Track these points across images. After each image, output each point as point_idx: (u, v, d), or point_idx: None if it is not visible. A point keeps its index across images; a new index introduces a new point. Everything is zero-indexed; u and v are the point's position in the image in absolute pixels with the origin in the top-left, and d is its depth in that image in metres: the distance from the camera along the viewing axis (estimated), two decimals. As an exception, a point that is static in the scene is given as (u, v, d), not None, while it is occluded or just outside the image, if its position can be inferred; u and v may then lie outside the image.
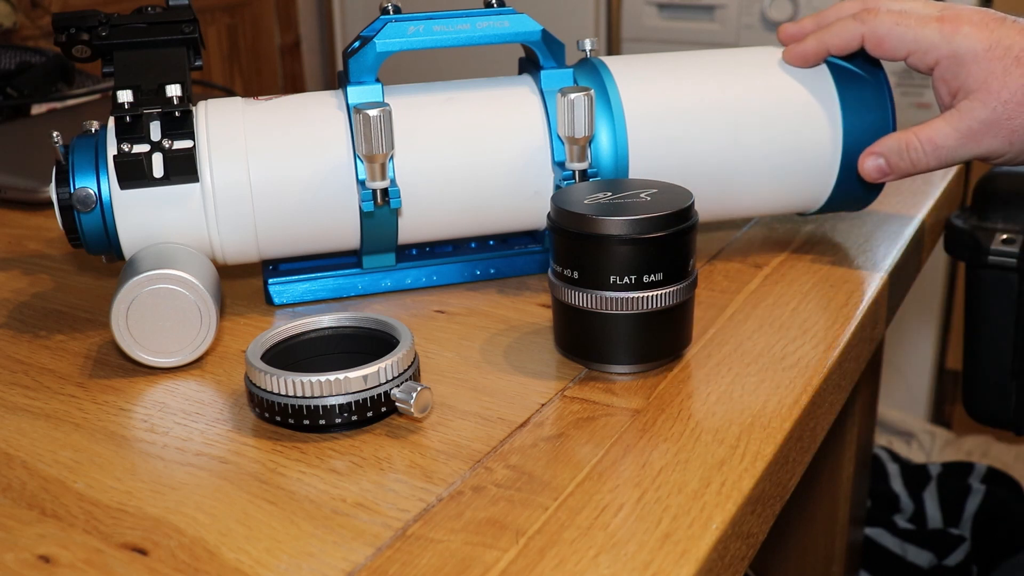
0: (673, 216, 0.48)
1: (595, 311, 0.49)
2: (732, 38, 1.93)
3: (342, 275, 0.62)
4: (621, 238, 0.48)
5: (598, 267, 0.48)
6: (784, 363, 0.52)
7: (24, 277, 0.67)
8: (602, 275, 0.48)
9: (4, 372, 0.53)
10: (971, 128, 0.55)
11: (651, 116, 0.60)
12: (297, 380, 0.45)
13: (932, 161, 0.57)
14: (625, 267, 0.48)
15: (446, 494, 0.41)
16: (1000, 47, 0.54)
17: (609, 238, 0.48)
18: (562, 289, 0.50)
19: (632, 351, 0.50)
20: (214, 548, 0.38)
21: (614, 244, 0.48)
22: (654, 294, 0.49)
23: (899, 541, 1.17)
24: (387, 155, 0.54)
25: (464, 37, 0.59)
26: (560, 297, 0.50)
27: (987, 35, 0.55)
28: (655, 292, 0.49)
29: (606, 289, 0.49)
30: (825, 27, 0.60)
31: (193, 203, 0.55)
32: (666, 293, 0.49)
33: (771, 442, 0.44)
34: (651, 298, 0.49)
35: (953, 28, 0.56)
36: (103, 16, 0.60)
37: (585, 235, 0.48)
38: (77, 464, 0.44)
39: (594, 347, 0.50)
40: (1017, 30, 0.55)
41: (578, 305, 0.50)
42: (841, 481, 0.86)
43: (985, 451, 1.59)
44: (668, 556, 0.37)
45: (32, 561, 0.38)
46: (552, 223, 0.50)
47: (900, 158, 0.57)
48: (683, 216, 0.49)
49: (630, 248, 0.48)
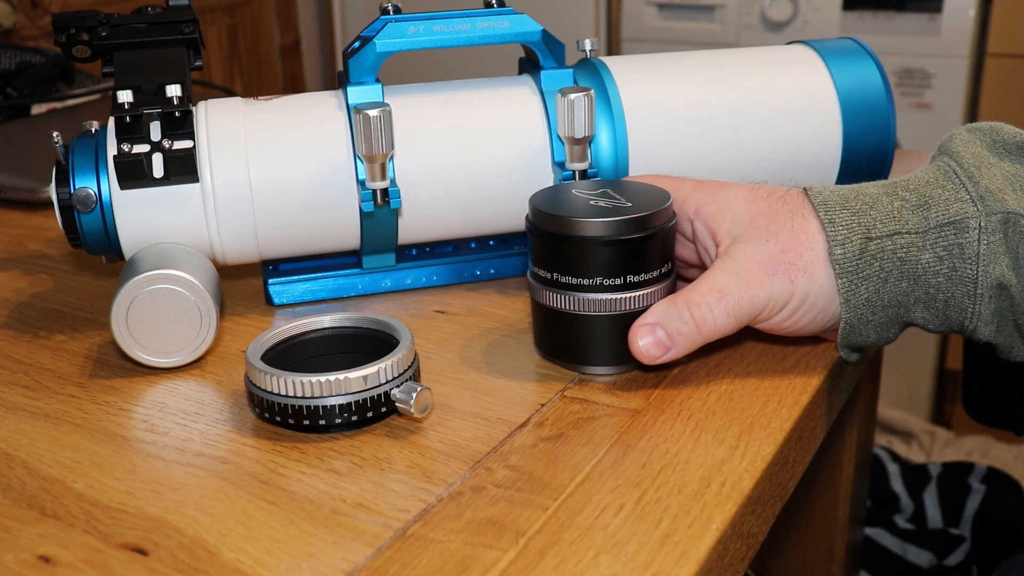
0: (648, 218, 0.48)
1: (573, 313, 0.49)
2: (732, 38, 1.93)
3: (342, 275, 0.62)
4: (599, 239, 0.48)
5: (576, 269, 0.49)
6: (784, 363, 0.52)
7: (24, 277, 0.67)
8: (580, 277, 0.49)
9: (4, 372, 0.53)
10: (749, 268, 0.48)
11: (651, 116, 0.60)
12: (297, 380, 0.45)
13: (720, 316, 0.48)
14: (602, 269, 0.48)
15: (446, 494, 0.41)
16: (762, 190, 0.51)
17: (586, 240, 0.48)
18: (541, 291, 0.50)
19: (609, 353, 0.50)
20: (214, 548, 0.38)
21: (591, 246, 0.48)
22: (630, 295, 0.49)
23: (899, 541, 1.17)
24: (387, 155, 0.54)
25: (464, 37, 0.59)
26: (539, 299, 0.51)
27: (747, 188, 0.52)
28: (631, 294, 0.49)
29: (584, 291, 0.49)
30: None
31: (193, 203, 0.55)
32: (642, 295, 0.49)
33: (771, 442, 0.44)
34: (627, 299, 0.49)
35: (716, 186, 0.52)
36: (103, 16, 0.60)
37: (563, 237, 0.48)
38: (77, 464, 0.44)
39: (571, 349, 0.51)
40: (772, 187, 0.52)
41: (556, 307, 0.50)
42: (841, 481, 0.86)
43: (985, 451, 1.59)
44: (668, 556, 0.37)
45: (32, 561, 0.38)
46: (530, 225, 0.50)
47: (681, 322, 0.48)
48: (657, 219, 0.49)
49: (607, 250, 0.48)
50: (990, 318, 0.48)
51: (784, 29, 1.88)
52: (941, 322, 0.49)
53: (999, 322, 0.48)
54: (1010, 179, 0.49)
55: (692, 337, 0.48)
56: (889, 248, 0.48)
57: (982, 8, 1.72)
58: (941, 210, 0.48)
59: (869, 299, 0.48)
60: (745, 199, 0.51)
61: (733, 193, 0.51)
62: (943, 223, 0.48)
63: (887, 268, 0.48)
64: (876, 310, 0.49)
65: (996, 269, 0.47)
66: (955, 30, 1.73)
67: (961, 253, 0.47)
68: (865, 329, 0.49)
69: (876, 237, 0.48)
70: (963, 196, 0.48)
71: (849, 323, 0.49)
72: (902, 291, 0.48)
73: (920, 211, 0.48)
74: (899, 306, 0.49)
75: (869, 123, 0.62)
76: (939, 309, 0.49)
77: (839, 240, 0.48)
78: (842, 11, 1.82)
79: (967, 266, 0.47)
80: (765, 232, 0.49)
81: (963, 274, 0.48)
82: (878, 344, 0.51)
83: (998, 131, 0.52)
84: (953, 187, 0.49)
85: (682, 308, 0.48)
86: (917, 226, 0.48)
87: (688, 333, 0.48)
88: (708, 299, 0.48)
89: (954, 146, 0.51)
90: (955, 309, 0.48)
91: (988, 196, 0.48)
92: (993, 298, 0.48)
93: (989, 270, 0.47)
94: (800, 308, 0.49)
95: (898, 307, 0.49)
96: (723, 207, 0.51)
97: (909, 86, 1.79)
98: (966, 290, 0.48)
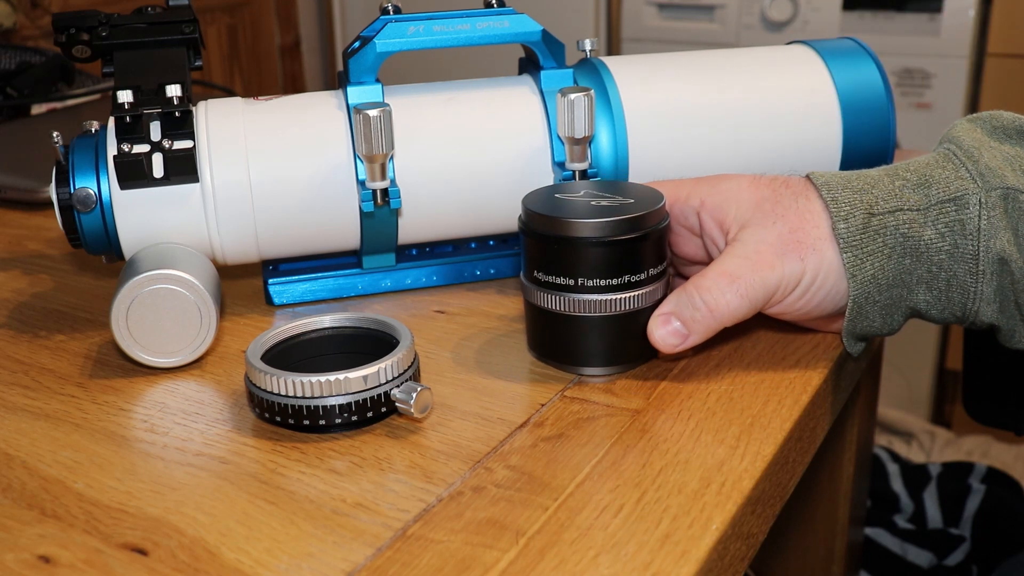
0: (641, 218, 0.48)
1: (566, 314, 0.49)
2: (732, 38, 1.93)
3: (342, 275, 0.62)
4: (591, 240, 0.48)
5: (569, 269, 0.49)
6: (784, 363, 0.52)
7: (24, 277, 0.67)
8: (572, 277, 0.49)
9: (4, 372, 0.53)
10: (759, 251, 0.49)
11: (651, 116, 0.60)
12: (297, 380, 0.45)
13: (733, 299, 0.48)
14: (595, 269, 0.48)
15: (446, 494, 0.41)
16: (764, 178, 0.52)
17: (579, 240, 0.48)
18: (534, 292, 0.50)
19: (602, 354, 0.50)
20: (214, 548, 0.38)
21: (584, 246, 0.48)
22: (623, 296, 0.49)
23: (899, 541, 1.17)
24: (387, 155, 0.54)
25: (464, 37, 0.59)
26: (532, 300, 0.51)
27: (749, 177, 0.52)
28: (624, 295, 0.49)
29: (576, 292, 0.49)
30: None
31: (193, 203, 0.55)
32: (635, 296, 0.49)
33: (771, 442, 0.44)
34: (620, 300, 0.49)
35: (717, 178, 0.53)
36: (103, 16, 0.60)
37: (555, 237, 0.48)
38: (77, 464, 0.44)
39: (564, 350, 0.51)
40: (774, 175, 0.52)
41: (549, 308, 0.50)
42: (841, 481, 0.86)
43: (985, 451, 1.59)
44: (668, 556, 0.37)
45: (32, 561, 0.38)
46: (523, 226, 0.50)
47: (694, 308, 0.48)
48: (650, 219, 0.49)
49: (600, 250, 0.48)
50: (992, 297, 0.49)
51: (784, 29, 1.88)
52: (944, 306, 0.49)
53: (1001, 301, 0.49)
54: (1010, 160, 0.50)
55: (707, 323, 0.48)
56: (892, 224, 0.48)
57: (982, 8, 1.72)
58: (942, 187, 0.49)
59: (875, 276, 0.48)
60: (748, 187, 0.51)
61: (736, 182, 0.52)
62: (944, 199, 0.48)
63: (890, 244, 0.48)
64: (881, 288, 0.49)
65: (997, 244, 0.47)
66: (955, 30, 1.73)
67: (962, 229, 0.48)
68: (871, 311, 0.49)
69: (879, 213, 0.48)
70: (963, 174, 0.49)
71: (856, 302, 0.49)
72: (905, 268, 0.49)
73: (921, 189, 0.49)
74: (903, 286, 0.49)
75: (869, 123, 0.62)
76: (942, 290, 0.49)
77: (842, 215, 0.48)
78: (842, 11, 1.82)
79: (968, 242, 0.48)
80: (772, 215, 0.50)
81: (964, 250, 0.48)
82: (882, 333, 0.51)
83: (998, 117, 0.53)
84: (953, 167, 0.49)
85: (693, 295, 0.48)
86: (918, 203, 0.48)
87: (702, 319, 0.48)
88: (719, 283, 0.48)
89: (955, 133, 0.52)
90: (957, 289, 0.49)
91: (988, 173, 0.48)
92: (995, 275, 0.48)
93: (990, 245, 0.48)
94: (812, 287, 0.49)
95: (902, 287, 0.49)
96: (727, 196, 0.51)
97: (909, 86, 1.79)
98: (968, 267, 0.48)
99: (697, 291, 0.48)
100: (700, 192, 0.52)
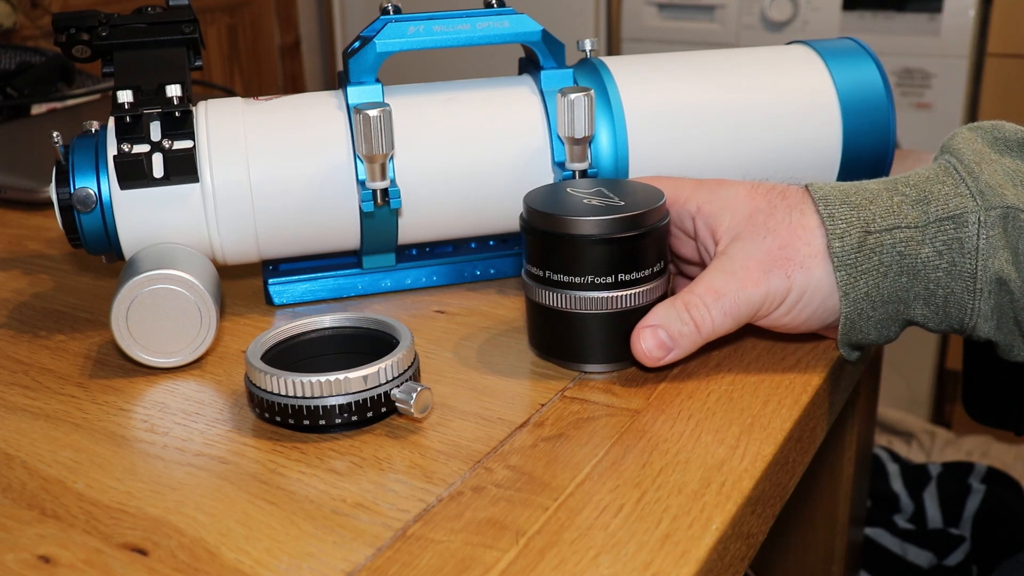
0: (642, 216, 0.48)
1: (567, 311, 0.49)
2: (732, 38, 1.93)
3: (342, 275, 0.62)
4: (592, 238, 0.48)
5: (570, 267, 0.49)
6: (784, 363, 0.52)
7: (24, 277, 0.67)
8: (574, 275, 0.49)
9: (4, 372, 0.53)
10: (746, 266, 0.49)
11: (651, 116, 0.60)
12: (297, 380, 0.45)
13: (718, 316, 0.48)
14: (596, 267, 0.48)
15: (446, 494, 0.41)
16: (762, 187, 0.51)
17: (580, 238, 0.48)
18: (535, 289, 0.50)
19: (603, 351, 0.50)
20: (214, 548, 0.38)
21: (585, 244, 0.48)
22: (624, 293, 0.49)
23: (899, 541, 1.17)
24: (387, 155, 0.54)
25: (464, 37, 0.59)
26: (533, 298, 0.51)
27: (748, 185, 0.52)
28: (625, 292, 0.49)
29: (578, 289, 0.49)
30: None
31: (193, 203, 0.55)
32: (636, 293, 0.49)
33: (771, 442, 0.44)
34: (621, 298, 0.49)
35: (716, 184, 0.53)
36: (103, 16, 0.60)
37: (557, 235, 0.48)
38: (77, 464, 0.44)
39: (566, 347, 0.51)
40: (773, 184, 0.52)
41: (550, 305, 0.50)
42: (841, 481, 0.86)
43: (985, 451, 1.59)
44: (668, 556, 0.37)
45: (32, 561, 0.38)
46: (524, 223, 0.50)
47: (681, 323, 0.48)
48: (650, 217, 0.49)
49: (601, 248, 0.48)
50: (989, 314, 0.48)
51: (784, 29, 1.88)
52: (941, 320, 0.49)
53: (999, 319, 0.48)
54: (1011, 175, 0.49)
55: (692, 338, 0.49)
56: (888, 242, 0.48)
57: (982, 8, 1.72)
58: (940, 204, 0.48)
59: (868, 293, 0.48)
60: (745, 196, 0.51)
61: (734, 191, 0.51)
62: (942, 217, 0.48)
63: (886, 262, 0.48)
64: (876, 305, 0.49)
65: (995, 264, 0.47)
66: (955, 30, 1.73)
67: (960, 247, 0.47)
68: (865, 325, 0.49)
69: (875, 231, 0.48)
70: (963, 191, 0.48)
71: (849, 318, 0.49)
72: (902, 286, 0.48)
73: (920, 205, 0.48)
74: (899, 302, 0.49)
75: (869, 123, 0.62)
76: (939, 306, 0.49)
77: (837, 233, 0.48)
78: (842, 11, 1.82)
79: (966, 260, 0.47)
80: (763, 229, 0.49)
81: (962, 269, 0.48)
82: (879, 343, 0.51)
83: (999, 128, 0.52)
84: (953, 182, 0.49)
85: (681, 310, 0.48)
86: (916, 220, 0.48)
87: (688, 334, 0.48)
88: (706, 300, 0.48)
89: (955, 144, 0.51)
90: (955, 305, 0.48)
91: (988, 191, 0.48)
92: (992, 294, 0.48)
93: (988, 264, 0.47)
94: (798, 304, 0.49)
95: (898, 303, 0.49)
96: (723, 205, 0.51)
97: (909, 86, 1.79)
98: (965, 285, 0.48)
99: (685, 307, 0.49)
100: (698, 197, 0.52)
